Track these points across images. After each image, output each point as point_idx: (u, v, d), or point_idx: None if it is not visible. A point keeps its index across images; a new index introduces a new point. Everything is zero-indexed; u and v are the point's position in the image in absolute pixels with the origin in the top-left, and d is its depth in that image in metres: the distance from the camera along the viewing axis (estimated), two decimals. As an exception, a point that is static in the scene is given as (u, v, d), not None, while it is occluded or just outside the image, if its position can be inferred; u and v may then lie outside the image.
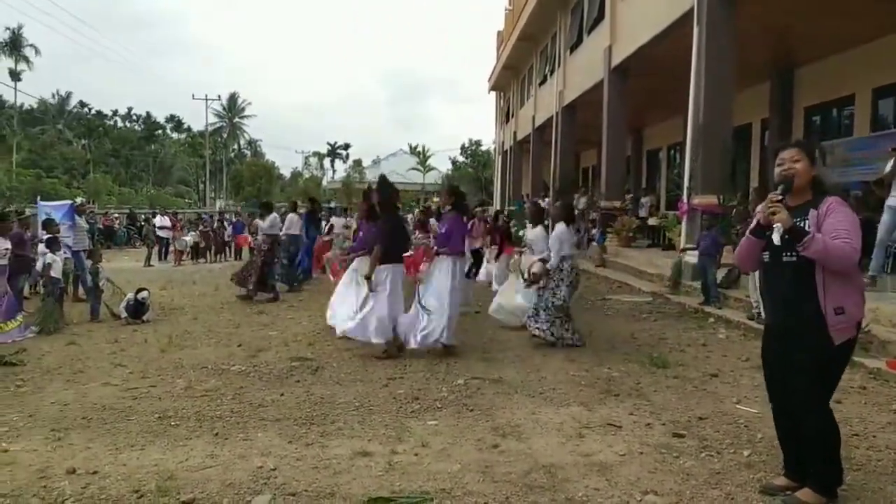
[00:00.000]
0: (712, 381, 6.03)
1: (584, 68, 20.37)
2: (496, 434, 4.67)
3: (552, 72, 25.08)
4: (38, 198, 16.54)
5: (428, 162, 69.27)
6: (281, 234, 12.89)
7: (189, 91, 77.25)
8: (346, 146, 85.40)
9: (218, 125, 78.27)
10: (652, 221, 18.17)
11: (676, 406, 5.28)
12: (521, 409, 5.23)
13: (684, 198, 12.02)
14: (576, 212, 19.66)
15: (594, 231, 18.06)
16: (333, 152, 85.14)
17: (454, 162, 77.05)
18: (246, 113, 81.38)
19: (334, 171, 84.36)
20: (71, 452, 4.41)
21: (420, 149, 71.58)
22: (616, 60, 16.93)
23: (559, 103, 23.26)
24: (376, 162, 74.16)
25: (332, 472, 4.01)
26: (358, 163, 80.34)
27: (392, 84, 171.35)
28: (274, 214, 12.82)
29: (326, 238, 15.07)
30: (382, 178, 7.77)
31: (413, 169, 65.36)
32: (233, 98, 79.20)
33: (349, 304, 7.50)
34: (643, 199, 19.77)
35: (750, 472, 3.95)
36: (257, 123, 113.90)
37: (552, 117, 24.34)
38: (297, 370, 6.60)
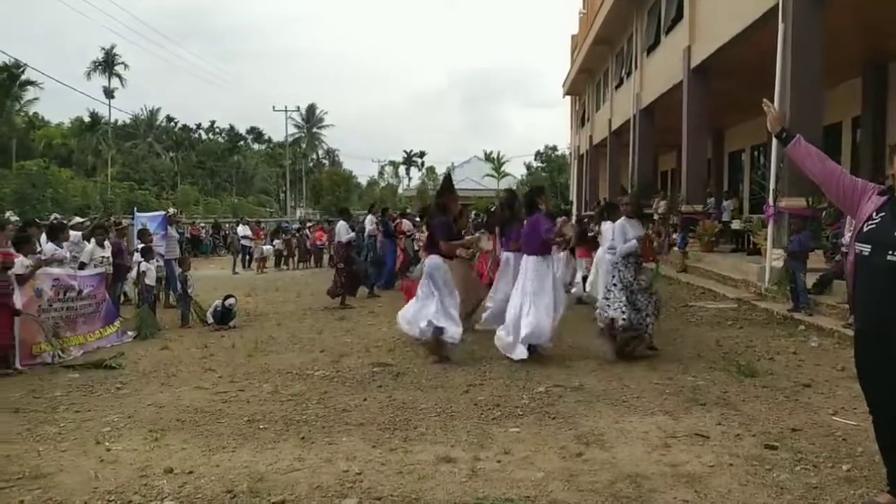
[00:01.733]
0: (805, 392, 5.80)
1: (662, 70, 19.97)
2: (579, 442, 4.62)
3: (629, 74, 24.69)
4: (135, 209, 17.34)
5: (503, 168, 69.13)
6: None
7: (269, 103, 79.74)
8: (422, 154, 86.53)
9: (297, 136, 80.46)
10: (735, 225, 17.62)
11: (767, 417, 5.10)
12: (605, 418, 5.17)
13: (770, 200, 11.61)
14: (655, 216, 19.45)
15: (675, 236, 17.64)
16: (409, 160, 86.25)
17: (529, 167, 76.83)
18: (324, 123, 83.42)
19: (410, 179, 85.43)
20: (168, 453, 4.61)
21: (494, 155, 71.57)
22: (696, 61, 16.52)
23: (636, 106, 22.86)
24: (451, 169, 74.55)
25: (417, 478, 4.06)
26: (431, 170, 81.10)
27: (467, 90, 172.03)
28: (341, 222, 13.07)
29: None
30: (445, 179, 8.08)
31: (488, 175, 65.34)
32: (311, 109, 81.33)
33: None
34: (725, 203, 19.21)
35: (851, 487, 3.77)
36: (335, 133, 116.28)
37: (629, 120, 23.95)
38: (379, 376, 6.70)
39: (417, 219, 16.90)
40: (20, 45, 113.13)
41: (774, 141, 11.58)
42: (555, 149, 75.85)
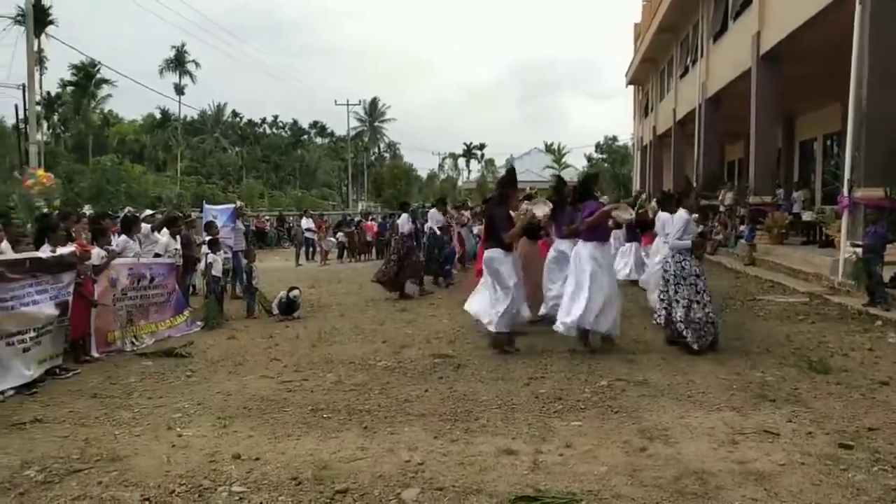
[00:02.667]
0: (882, 390, 5.56)
1: (729, 57, 19.42)
2: (643, 437, 4.55)
3: (694, 62, 24.11)
4: (203, 202, 17.76)
5: (563, 159, 68.47)
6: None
7: (331, 97, 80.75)
8: (482, 146, 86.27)
9: (359, 129, 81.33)
10: (806, 217, 17.02)
11: (842, 415, 4.92)
12: (669, 413, 5.07)
13: (844, 191, 11.16)
14: (721, 208, 18.95)
15: (742, 228, 17.16)
16: (469, 153, 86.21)
17: (589, 158, 75.84)
18: (386, 117, 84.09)
19: (469, 172, 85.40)
20: (235, 439, 4.73)
21: (555, 146, 70.96)
22: (765, 47, 16.00)
23: (702, 95, 22.31)
24: (510, 161, 74.17)
25: (478, 469, 4.06)
26: (490, 162, 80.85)
27: (527, 81, 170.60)
28: (405, 214, 13.22)
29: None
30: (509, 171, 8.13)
31: (548, 167, 64.83)
32: (374, 103, 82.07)
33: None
34: (796, 194, 18.56)
35: (931, 489, 3.61)
36: (396, 126, 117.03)
37: (694, 109, 23.39)
38: (440, 367, 6.73)
39: (477, 209, 16.95)
40: (94, 44, 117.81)
41: (849, 128, 11.14)
42: (615, 139, 74.62)
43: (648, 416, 5.01)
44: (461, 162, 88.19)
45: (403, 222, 13.06)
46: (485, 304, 7.56)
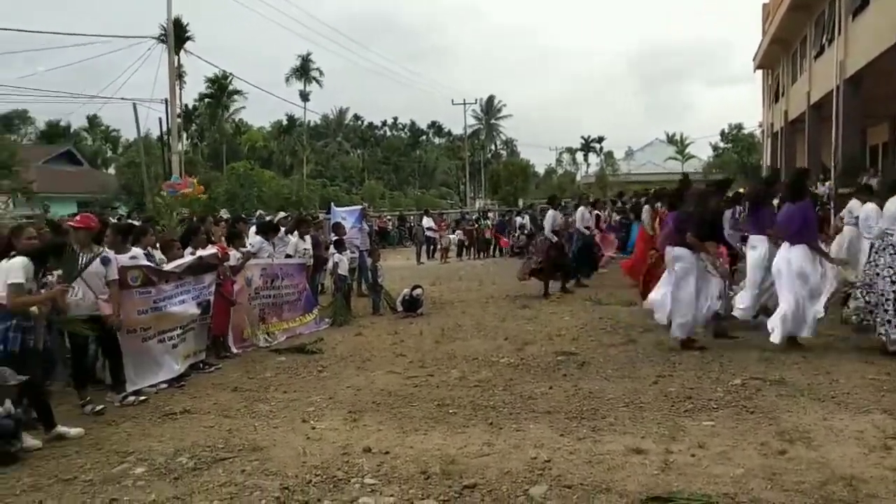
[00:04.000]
0: None
1: (871, 32, 18.00)
2: (782, 439, 4.32)
3: (830, 41, 22.51)
4: (332, 204, 18.40)
5: (687, 150, 66.01)
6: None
7: (449, 96, 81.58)
8: (600, 139, 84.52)
9: (476, 128, 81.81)
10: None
11: None
12: (810, 414, 4.79)
13: None
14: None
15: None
16: (587, 146, 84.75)
17: (715, 148, 72.64)
18: (502, 114, 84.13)
19: (588, 166, 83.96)
20: (365, 433, 4.90)
21: (678, 137, 68.52)
22: (916, 18, 14.73)
23: (840, 75, 20.78)
24: (629, 153, 72.26)
25: (606, 468, 4.00)
26: (610, 155, 79.07)
27: (645, 70, 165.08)
28: (551, 211, 12.92)
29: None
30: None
31: (671, 158, 62.65)
32: (490, 100, 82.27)
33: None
34: (953, 178, 17.01)
35: None
36: (512, 123, 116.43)
37: (831, 91, 21.85)
38: (564, 364, 6.68)
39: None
40: (226, 57, 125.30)
41: None
42: (740, 127, 70.97)
43: (787, 416, 4.76)
44: (579, 156, 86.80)
45: (549, 220, 12.58)
46: (664, 298, 7.41)
